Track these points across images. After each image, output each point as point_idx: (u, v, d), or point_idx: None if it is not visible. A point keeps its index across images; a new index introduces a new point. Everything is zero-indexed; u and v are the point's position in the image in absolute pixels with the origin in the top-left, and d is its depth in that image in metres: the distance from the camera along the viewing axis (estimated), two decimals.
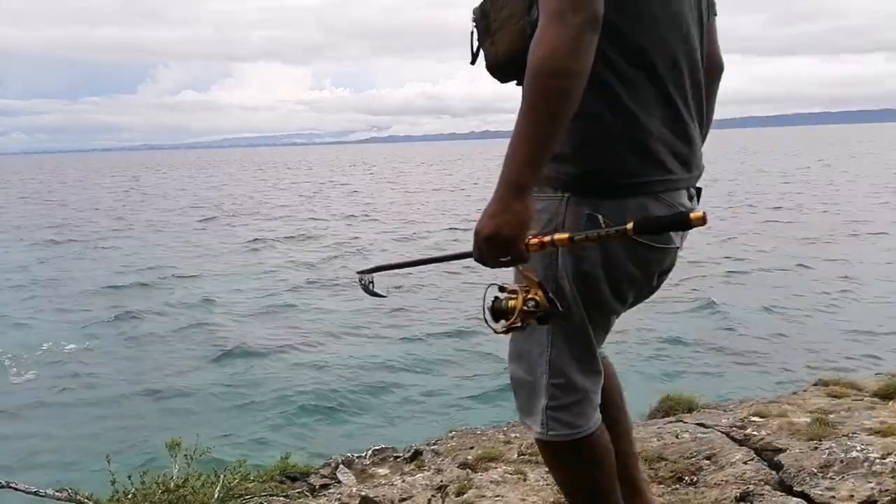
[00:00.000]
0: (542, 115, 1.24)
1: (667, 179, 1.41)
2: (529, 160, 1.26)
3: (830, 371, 7.96)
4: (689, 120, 1.46)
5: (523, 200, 1.27)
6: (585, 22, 1.23)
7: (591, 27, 1.24)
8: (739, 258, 18.02)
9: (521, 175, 1.26)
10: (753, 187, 37.91)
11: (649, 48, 1.37)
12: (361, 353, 11.03)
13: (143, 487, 2.90)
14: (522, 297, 1.36)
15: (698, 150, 1.50)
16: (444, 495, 2.82)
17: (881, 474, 2.46)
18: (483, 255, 1.32)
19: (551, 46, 1.23)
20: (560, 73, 1.23)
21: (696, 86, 1.47)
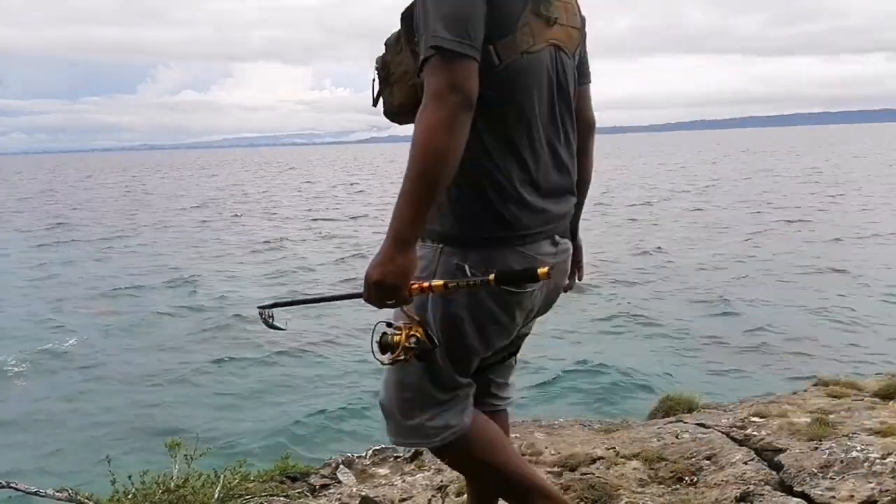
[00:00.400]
0: (423, 183, 1.44)
1: (525, 234, 1.61)
2: (411, 220, 1.46)
3: (831, 371, 7.97)
4: (552, 177, 1.66)
5: (406, 254, 1.47)
6: (460, 103, 1.42)
7: (466, 107, 1.43)
8: (741, 258, 18.03)
9: (405, 233, 1.46)
10: (764, 187, 37.89)
11: (509, 118, 1.57)
12: (362, 354, 11.03)
13: (144, 487, 2.90)
14: (406, 333, 1.57)
15: (565, 201, 1.71)
16: (445, 495, 2.83)
17: (881, 474, 2.46)
18: (371, 298, 1.52)
19: (430, 125, 1.42)
20: (438, 149, 1.42)
21: (556, 146, 1.66)
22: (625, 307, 13.57)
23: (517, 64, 1.54)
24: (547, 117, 1.63)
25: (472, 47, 1.44)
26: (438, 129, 1.42)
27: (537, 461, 3.14)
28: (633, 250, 19.60)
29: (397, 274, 1.47)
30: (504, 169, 1.59)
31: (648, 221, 25.72)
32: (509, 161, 1.59)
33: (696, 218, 26.27)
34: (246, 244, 23.35)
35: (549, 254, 1.67)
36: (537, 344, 11.46)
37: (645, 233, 22.90)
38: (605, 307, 13.69)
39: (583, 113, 1.82)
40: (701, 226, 24.13)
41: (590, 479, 2.82)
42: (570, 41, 1.67)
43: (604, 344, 11.40)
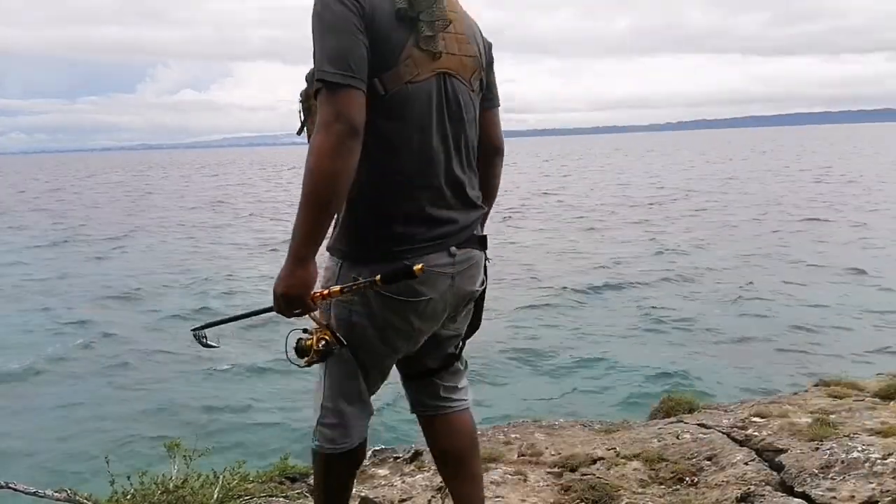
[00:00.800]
0: (315, 205, 1.59)
1: (417, 248, 1.75)
2: (307, 239, 1.61)
3: (832, 371, 7.96)
4: (445, 194, 1.79)
5: (305, 267, 1.63)
6: (345, 131, 1.56)
7: (351, 134, 1.57)
8: (744, 259, 18.02)
9: (302, 250, 1.62)
10: (775, 186, 37.87)
11: (399, 141, 1.71)
12: None
13: (143, 488, 2.89)
14: (316, 337, 1.76)
15: (460, 215, 1.84)
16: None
17: (882, 475, 2.45)
18: (280, 309, 1.69)
19: (319, 151, 1.56)
20: (327, 173, 1.56)
21: (448, 166, 1.79)
22: (625, 307, 13.58)
23: (403, 92, 1.69)
24: (438, 138, 1.76)
25: (354, 78, 1.58)
26: (326, 154, 1.55)
27: (538, 461, 3.14)
28: (645, 249, 19.61)
29: (298, 286, 1.64)
30: (394, 188, 1.73)
31: (660, 220, 25.72)
32: (399, 181, 1.73)
33: (706, 217, 26.29)
34: (262, 243, 23.23)
35: (445, 264, 1.80)
36: (538, 345, 11.47)
37: (656, 231, 22.91)
38: (606, 307, 13.70)
39: (489, 136, 1.98)
40: (712, 225, 24.16)
41: (590, 479, 2.82)
42: (463, 69, 1.80)
43: (604, 344, 11.40)
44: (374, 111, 1.64)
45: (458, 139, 1.81)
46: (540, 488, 2.83)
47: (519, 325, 12.42)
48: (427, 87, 1.72)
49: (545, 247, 20.65)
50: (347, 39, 1.59)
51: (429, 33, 1.69)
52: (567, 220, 26.79)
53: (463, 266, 1.86)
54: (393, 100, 1.68)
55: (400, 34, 1.67)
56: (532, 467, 3.06)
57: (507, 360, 10.75)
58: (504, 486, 2.84)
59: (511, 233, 23.59)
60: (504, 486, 2.84)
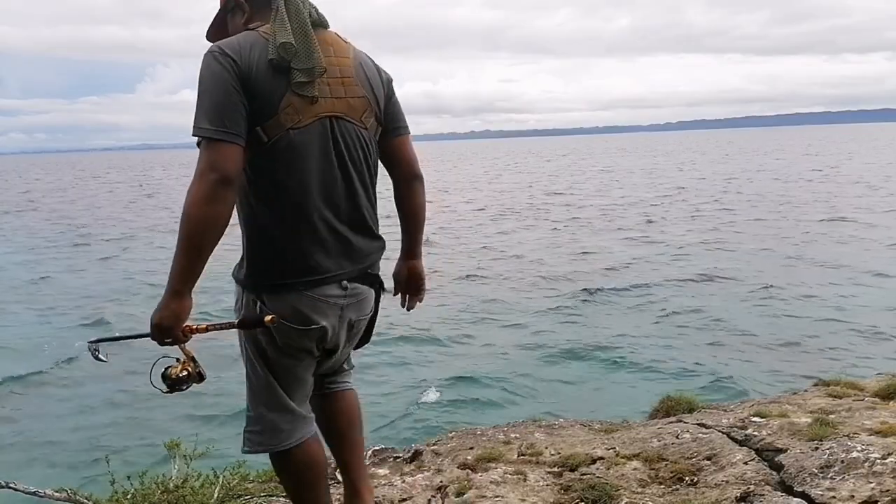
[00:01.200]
0: (188, 246, 1.72)
1: (312, 280, 1.89)
2: (181, 276, 1.74)
3: (831, 370, 7.96)
4: (337, 230, 1.92)
5: (179, 302, 1.76)
6: (218, 180, 1.69)
7: (224, 184, 1.70)
8: (747, 258, 18.03)
9: (176, 284, 1.75)
10: (778, 187, 37.83)
11: (287, 183, 1.83)
12: (360, 356, 11.02)
13: (143, 488, 2.90)
14: (180, 367, 1.91)
15: (353, 251, 1.97)
16: (444, 496, 2.82)
17: (882, 474, 2.45)
18: (153, 337, 1.82)
19: (193, 197, 1.69)
20: (199, 219, 1.69)
21: (340, 203, 1.92)
22: (626, 308, 13.58)
23: (286, 138, 1.81)
24: (328, 178, 1.89)
25: (228, 133, 1.72)
26: (199, 201, 1.69)
27: (537, 461, 3.13)
28: (659, 249, 19.61)
29: (171, 318, 1.78)
30: (288, 226, 1.86)
31: (674, 219, 25.68)
32: (287, 218, 1.86)
33: (720, 216, 26.30)
34: None
35: (336, 296, 1.96)
36: (537, 344, 11.47)
37: (669, 231, 22.90)
38: (607, 307, 13.70)
39: (402, 162, 2.12)
40: (725, 224, 24.18)
41: (590, 479, 2.82)
42: (352, 110, 1.92)
43: (605, 344, 11.40)
44: (262, 157, 1.80)
45: (349, 178, 1.93)
46: (540, 488, 2.82)
47: (535, 327, 12.44)
48: (312, 132, 1.84)
49: (561, 248, 20.58)
50: (223, 97, 1.73)
51: (303, 79, 1.81)
52: (580, 220, 26.72)
53: (353, 299, 2.01)
54: (277, 145, 1.80)
55: (277, 84, 1.79)
56: (532, 467, 3.06)
57: (526, 360, 10.75)
58: (504, 486, 2.84)
59: (525, 233, 23.57)
60: (504, 486, 2.84)
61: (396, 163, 2.11)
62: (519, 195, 39.12)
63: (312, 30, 1.86)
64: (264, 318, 1.85)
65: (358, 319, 2.08)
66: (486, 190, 44.29)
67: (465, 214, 30.17)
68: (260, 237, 1.89)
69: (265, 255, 1.89)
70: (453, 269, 17.37)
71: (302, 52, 1.81)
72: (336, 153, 1.89)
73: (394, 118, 2.07)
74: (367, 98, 1.96)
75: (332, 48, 1.91)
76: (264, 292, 1.91)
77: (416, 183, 2.17)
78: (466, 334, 12.18)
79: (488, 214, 29.99)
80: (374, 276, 2.08)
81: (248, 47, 1.79)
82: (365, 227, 2.01)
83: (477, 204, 34.76)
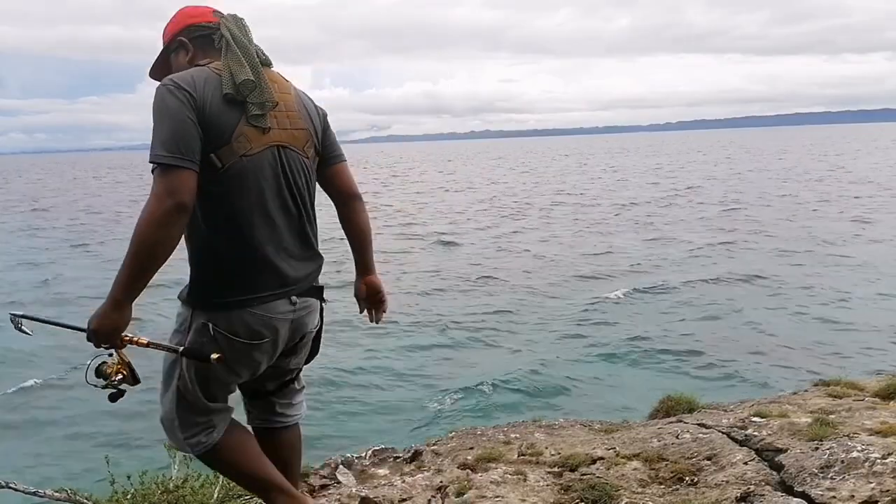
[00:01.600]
0: (136, 265, 1.80)
1: (258, 297, 1.99)
2: (125, 288, 1.82)
3: (831, 370, 7.96)
4: (284, 249, 2.04)
5: (119, 311, 1.84)
6: (173, 206, 1.78)
7: (178, 208, 1.79)
8: (747, 258, 18.03)
9: (119, 296, 1.82)
10: (782, 185, 37.82)
11: (237, 206, 1.94)
12: (359, 357, 11.04)
13: (143, 488, 2.90)
14: (115, 369, 2.00)
15: (300, 267, 2.10)
16: (444, 496, 2.82)
17: (882, 474, 2.45)
18: (89, 339, 1.90)
19: (147, 220, 1.78)
20: (150, 240, 1.78)
21: (286, 224, 2.04)
22: (628, 307, 13.58)
23: (238, 164, 1.93)
24: (274, 201, 2.01)
25: (184, 160, 1.81)
26: (153, 223, 1.77)
27: (538, 461, 3.13)
28: (645, 251, 19.61)
29: (109, 327, 1.86)
30: (235, 246, 1.96)
31: (666, 222, 25.66)
32: (239, 239, 1.96)
33: (732, 216, 26.29)
34: None
35: (285, 311, 2.06)
36: (538, 346, 11.47)
37: (660, 233, 22.89)
38: (608, 308, 13.70)
39: (343, 185, 2.28)
40: (739, 223, 24.17)
41: (590, 479, 2.82)
42: (295, 140, 2.07)
43: (605, 345, 11.40)
44: (214, 182, 1.90)
45: (294, 200, 2.07)
46: (540, 488, 2.82)
47: (556, 327, 12.45)
48: (262, 159, 1.98)
49: (576, 248, 20.53)
50: (180, 127, 1.84)
51: (258, 112, 1.96)
52: (594, 220, 26.68)
53: (302, 312, 2.12)
54: (230, 171, 1.92)
55: (230, 116, 1.92)
56: (532, 467, 3.06)
57: (546, 360, 10.74)
58: (504, 486, 2.84)
59: (546, 234, 23.50)
60: (504, 486, 2.84)
61: (336, 187, 2.28)
62: (529, 195, 39.05)
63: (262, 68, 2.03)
64: (211, 355, 1.92)
65: (308, 332, 2.20)
66: (493, 190, 44.09)
67: (477, 215, 30.09)
68: (211, 258, 1.98)
69: (216, 275, 1.98)
70: (470, 270, 17.38)
71: (257, 89, 1.97)
72: (284, 179, 2.03)
73: (331, 148, 2.24)
74: (308, 130, 2.12)
75: (276, 85, 2.06)
76: (214, 311, 1.98)
77: (357, 203, 2.32)
78: (482, 335, 12.18)
79: (501, 215, 29.88)
80: (319, 288, 2.21)
81: (201, 81, 1.91)
82: (309, 244, 2.14)
83: (487, 204, 34.62)
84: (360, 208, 2.34)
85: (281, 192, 2.03)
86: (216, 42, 2.03)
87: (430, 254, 20.96)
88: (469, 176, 63.25)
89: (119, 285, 1.82)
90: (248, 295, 1.98)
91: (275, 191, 2.01)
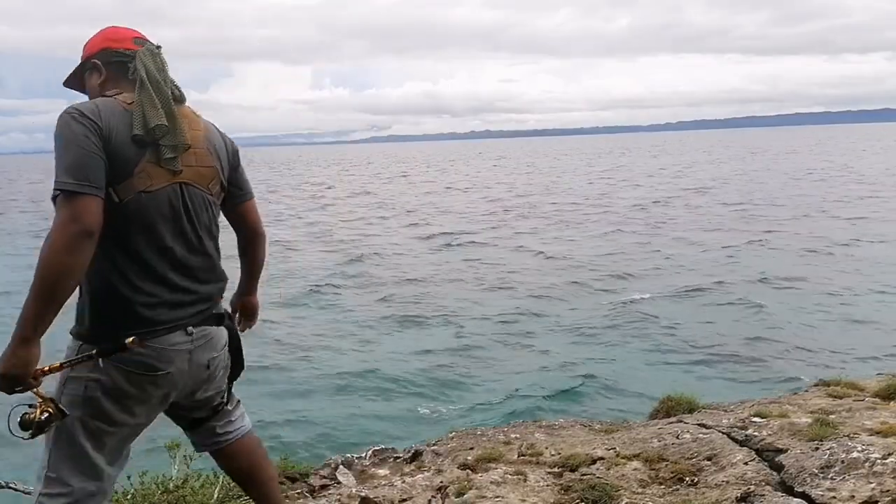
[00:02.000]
0: (43, 294, 1.74)
1: (152, 330, 1.94)
2: (32, 322, 1.75)
3: (832, 370, 7.95)
4: (180, 282, 2.01)
5: (27, 348, 1.76)
6: (79, 232, 1.75)
7: (84, 235, 1.76)
8: (748, 258, 18.01)
9: (26, 331, 1.75)
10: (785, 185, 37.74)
11: (134, 239, 1.92)
12: (358, 358, 11.04)
13: (143, 488, 2.90)
14: (40, 410, 1.86)
15: (197, 300, 2.07)
16: (445, 496, 2.82)
17: (882, 475, 2.45)
18: (1, 388, 1.82)
19: (52, 247, 1.74)
20: (56, 268, 1.73)
21: (183, 258, 2.02)
22: (627, 307, 13.57)
23: (137, 199, 1.91)
24: (173, 237, 2.00)
25: (90, 186, 1.79)
26: (59, 251, 1.74)
27: (538, 461, 3.13)
28: (644, 251, 19.58)
29: (19, 366, 1.77)
30: (132, 279, 1.93)
31: (662, 222, 25.63)
32: (134, 272, 1.94)
33: (713, 217, 26.24)
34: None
35: (183, 342, 2.02)
36: (537, 346, 11.47)
37: (658, 233, 22.85)
38: (608, 308, 13.69)
39: (248, 223, 2.32)
40: (750, 223, 24.13)
41: (590, 479, 2.82)
42: (200, 178, 2.06)
43: (605, 345, 11.40)
44: (112, 216, 1.86)
45: (196, 236, 2.06)
46: (540, 488, 2.82)
47: (576, 327, 12.42)
48: (162, 195, 1.96)
49: (596, 249, 20.47)
50: (85, 154, 1.81)
51: (171, 155, 1.96)
52: (609, 221, 26.60)
53: (200, 342, 2.08)
54: (128, 206, 1.90)
55: (135, 150, 1.91)
56: (532, 467, 3.06)
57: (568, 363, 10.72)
58: (504, 486, 2.84)
59: (561, 235, 23.40)
60: (504, 486, 2.84)
61: (242, 224, 2.31)
62: (539, 195, 38.97)
63: (175, 106, 2.01)
64: (125, 341, 1.86)
65: (212, 357, 2.15)
66: (502, 190, 43.91)
67: (487, 217, 30.04)
68: (105, 292, 1.94)
69: (109, 309, 1.94)
70: (492, 274, 17.39)
71: (172, 131, 1.96)
72: (185, 216, 2.03)
73: (239, 185, 2.25)
74: (215, 168, 2.11)
75: (186, 121, 2.05)
76: (108, 343, 1.92)
77: (259, 239, 2.38)
78: (461, 338, 12.18)
79: (512, 216, 29.78)
80: (220, 315, 2.19)
81: (107, 112, 1.89)
82: (210, 276, 2.14)
83: (497, 205, 34.50)
84: (262, 245, 2.41)
85: (181, 229, 2.02)
86: (130, 72, 2.01)
87: (442, 254, 20.95)
88: (473, 176, 63.16)
89: (26, 321, 1.75)
90: (140, 329, 1.93)
91: (174, 227, 2.00)
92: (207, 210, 2.11)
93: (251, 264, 2.43)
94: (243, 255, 2.41)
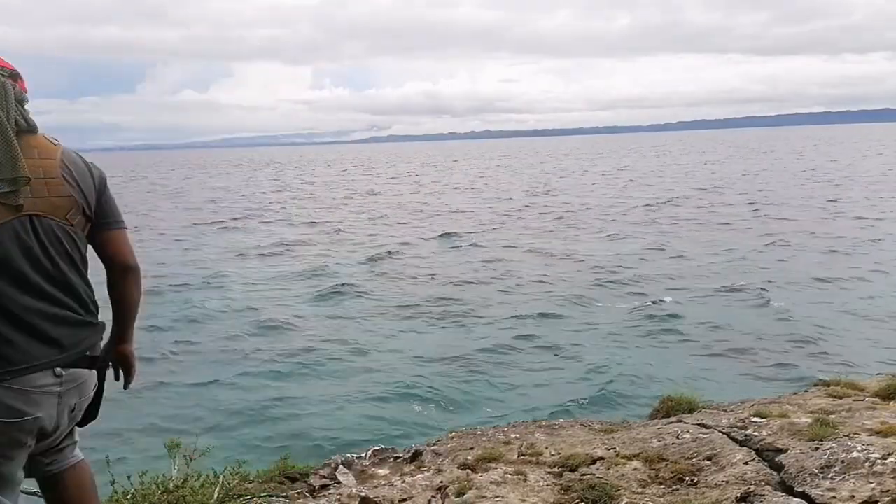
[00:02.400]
0: None
1: (14, 370, 1.85)
2: None
3: (831, 371, 7.94)
4: (38, 323, 1.92)
5: None
6: None
7: None
8: (750, 258, 17.98)
9: None
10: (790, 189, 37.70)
11: None
12: (358, 358, 11.03)
13: (143, 488, 2.90)
14: None
15: (60, 341, 1.96)
16: (444, 496, 2.82)
17: (882, 475, 2.45)
18: None
19: None
20: None
21: (41, 296, 1.93)
22: (627, 308, 13.56)
23: None
24: (29, 272, 1.91)
25: None
26: None
27: (538, 461, 3.13)
28: (647, 252, 19.54)
29: None
30: None
31: (665, 223, 25.57)
32: None
33: (709, 218, 26.20)
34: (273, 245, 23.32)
35: (48, 384, 1.93)
36: (540, 347, 11.46)
37: (660, 234, 22.80)
38: (608, 309, 13.68)
39: (115, 254, 2.16)
40: (713, 225, 24.10)
41: (590, 479, 2.82)
42: (55, 209, 1.97)
43: (605, 346, 11.39)
44: None
45: (57, 270, 1.97)
46: (540, 488, 2.82)
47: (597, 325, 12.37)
48: (7, 230, 1.88)
49: (612, 251, 20.42)
50: None
51: (8, 190, 1.87)
52: (621, 222, 26.55)
53: (71, 384, 2.00)
54: None
55: None
56: (532, 467, 3.06)
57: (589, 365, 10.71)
58: (504, 486, 2.84)
59: (575, 236, 23.29)
60: (504, 486, 2.84)
61: (109, 256, 2.15)
62: (547, 196, 38.85)
63: (17, 138, 1.91)
64: None
65: (80, 401, 2.09)
66: (509, 190, 43.80)
67: (496, 217, 29.96)
68: None
69: None
70: (501, 272, 17.36)
71: (7, 165, 1.87)
72: (40, 249, 1.94)
73: (105, 214, 2.13)
74: (73, 197, 2.01)
75: (36, 150, 1.96)
76: None
77: (129, 274, 2.20)
78: (462, 338, 12.18)
79: (529, 217, 29.61)
80: (94, 358, 2.10)
81: None
82: (75, 314, 2.03)
83: (508, 205, 34.39)
84: (133, 280, 2.22)
85: (37, 263, 1.94)
86: None
87: (453, 254, 20.92)
88: (479, 175, 62.95)
89: None
90: (2, 367, 1.84)
91: (27, 262, 1.91)
92: (67, 243, 2.00)
93: (120, 303, 2.22)
94: (112, 293, 2.21)
